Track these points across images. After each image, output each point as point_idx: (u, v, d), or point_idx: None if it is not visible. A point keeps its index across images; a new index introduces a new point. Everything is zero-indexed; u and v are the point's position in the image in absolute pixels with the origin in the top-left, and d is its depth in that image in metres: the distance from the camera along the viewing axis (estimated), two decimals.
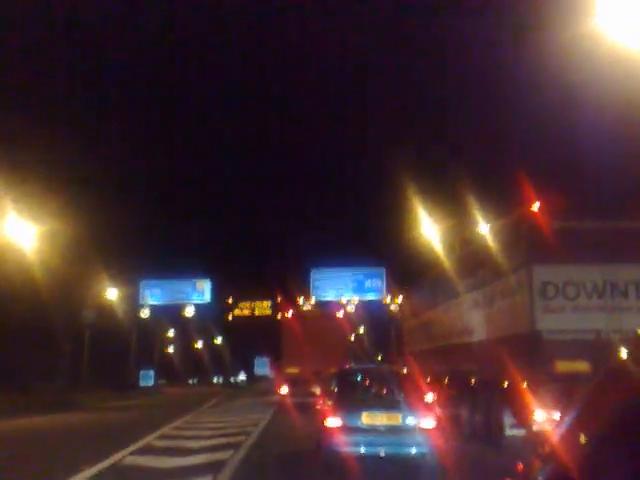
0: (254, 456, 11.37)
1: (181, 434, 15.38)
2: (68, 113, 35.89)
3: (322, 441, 9.81)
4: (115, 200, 36.48)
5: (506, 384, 11.75)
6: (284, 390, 25.99)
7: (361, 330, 51.41)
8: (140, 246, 40.50)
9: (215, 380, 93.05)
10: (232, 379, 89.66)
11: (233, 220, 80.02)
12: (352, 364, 15.96)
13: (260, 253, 69.62)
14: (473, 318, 13.96)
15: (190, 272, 39.33)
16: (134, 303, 38.65)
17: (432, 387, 17.78)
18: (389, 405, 9.85)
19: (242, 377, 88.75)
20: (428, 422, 9.43)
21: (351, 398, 10.32)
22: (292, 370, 26.82)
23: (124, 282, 38.80)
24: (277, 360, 32.12)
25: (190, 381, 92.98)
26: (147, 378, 60.84)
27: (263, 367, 64.31)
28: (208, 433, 15.51)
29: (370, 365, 15.34)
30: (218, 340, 78.54)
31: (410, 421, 9.42)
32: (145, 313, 38.98)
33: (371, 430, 9.34)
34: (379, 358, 43.78)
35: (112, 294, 38.49)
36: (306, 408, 19.18)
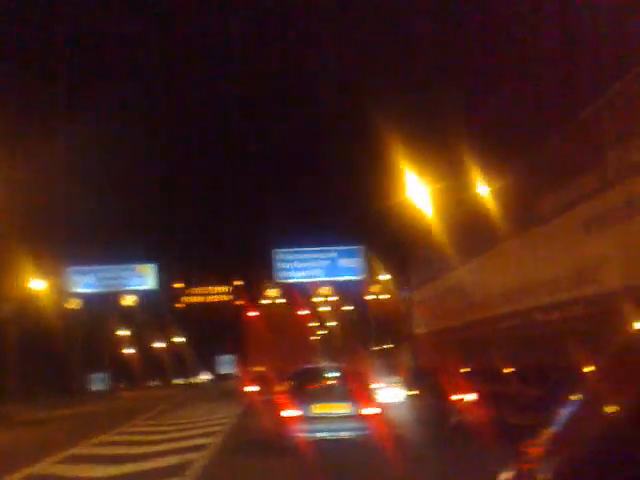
0: None
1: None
2: None
3: (280, 429, 11.13)
4: (36, 177, 30.01)
5: None
6: (251, 389, 25.74)
7: (333, 323, 46.25)
8: (69, 229, 34.14)
9: (178, 381, 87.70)
10: (196, 378, 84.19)
11: (181, 196, 71.74)
12: (320, 361, 17.20)
13: (214, 233, 62.49)
14: (570, 257, 7.62)
15: (131, 256, 33.15)
16: (64, 294, 32.20)
17: (463, 383, 12.00)
18: (337, 397, 11.32)
19: (206, 376, 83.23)
20: (370, 410, 10.94)
21: (305, 392, 11.66)
22: (258, 368, 26.10)
23: (51, 271, 32.35)
24: (242, 358, 30.71)
25: (151, 383, 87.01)
26: (99, 381, 55.53)
27: (228, 365, 60.11)
28: None
29: (323, 364, 16.72)
30: (178, 339, 72.68)
31: (355, 409, 10.87)
32: (76, 303, 32.53)
33: (322, 418, 10.89)
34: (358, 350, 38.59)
35: (37, 285, 31.94)
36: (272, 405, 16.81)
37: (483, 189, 13.13)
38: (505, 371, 10.17)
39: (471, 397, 11.77)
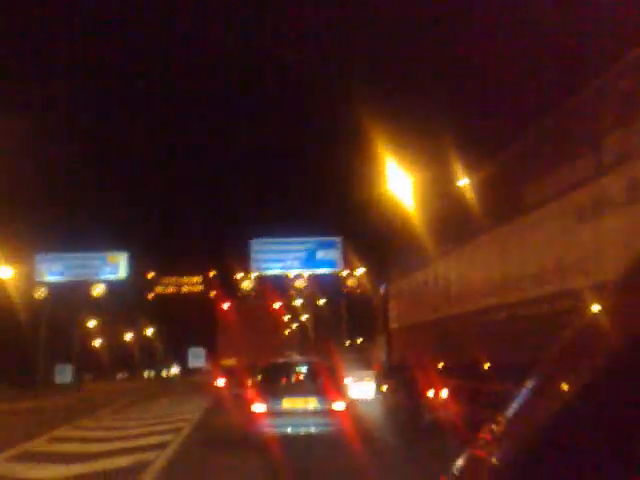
0: None
1: None
2: None
3: (248, 424, 11.10)
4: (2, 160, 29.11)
5: None
6: (220, 383, 25.46)
7: (307, 316, 45.88)
8: (37, 215, 33.25)
9: (146, 374, 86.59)
10: (165, 372, 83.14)
11: (154, 184, 70.58)
12: (291, 354, 16.74)
13: (188, 221, 61.58)
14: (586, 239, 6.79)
15: (102, 244, 32.34)
16: (30, 282, 31.24)
17: (438, 379, 11.67)
18: (306, 391, 11.50)
19: (175, 370, 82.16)
20: (338, 405, 10.90)
21: (274, 387, 11.73)
22: (228, 362, 25.82)
23: (21, 259, 31.37)
24: (213, 350, 30.52)
25: (119, 375, 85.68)
26: (65, 373, 54.30)
27: (198, 358, 58.86)
28: None
29: (293, 358, 16.70)
30: (148, 331, 71.56)
31: (323, 404, 10.87)
32: (42, 292, 31.55)
33: (291, 413, 10.87)
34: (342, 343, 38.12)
35: (3, 273, 30.91)
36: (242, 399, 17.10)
37: (464, 179, 12.80)
38: (482, 367, 9.85)
39: (446, 393, 11.45)
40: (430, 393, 11.92)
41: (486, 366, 9.60)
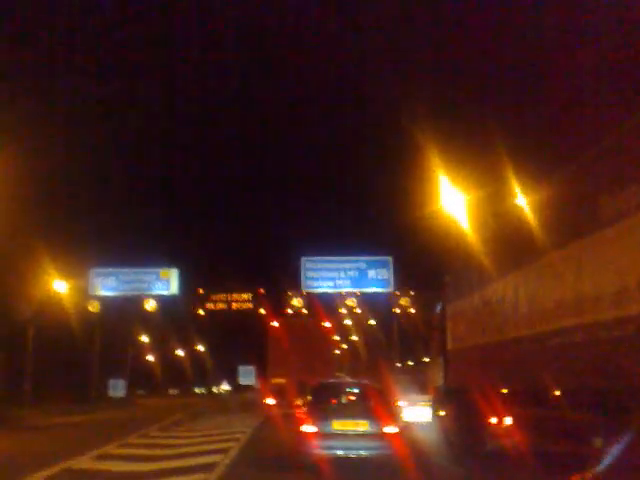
0: None
1: None
2: None
3: (298, 445, 11.09)
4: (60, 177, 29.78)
5: None
6: (270, 401, 25.72)
7: (357, 337, 45.27)
8: (94, 233, 33.90)
9: (198, 390, 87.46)
10: (215, 389, 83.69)
11: (206, 201, 71.52)
12: (341, 375, 16.57)
13: (239, 239, 61.86)
14: None
15: (154, 260, 32.66)
16: (84, 296, 31.66)
17: (502, 405, 10.97)
18: (357, 414, 11.21)
19: (226, 387, 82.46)
20: (390, 429, 10.71)
21: (325, 408, 11.60)
22: (278, 380, 25.97)
23: (75, 273, 31.89)
24: (263, 369, 30.61)
25: (171, 391, 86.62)
26: (118, 388, 55.03)
27: (248, 376, 58.73)
28: None
29: (344, 380, 16.64)
30: (199, 346, 71.95)
31: (374, 428, 10.70)
32: (94, 306, 31.87)
33: (341, 435, 10.69)
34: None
35: (59, 286, 31.40)
36: (291, 419, 17.66)
37: (526, 197, 12.16)
38: (552, 393, 9.17)
39: (509, 420, 10.76)
40: (493, 419, 11.24)
41: (556, 392, 8.92)
